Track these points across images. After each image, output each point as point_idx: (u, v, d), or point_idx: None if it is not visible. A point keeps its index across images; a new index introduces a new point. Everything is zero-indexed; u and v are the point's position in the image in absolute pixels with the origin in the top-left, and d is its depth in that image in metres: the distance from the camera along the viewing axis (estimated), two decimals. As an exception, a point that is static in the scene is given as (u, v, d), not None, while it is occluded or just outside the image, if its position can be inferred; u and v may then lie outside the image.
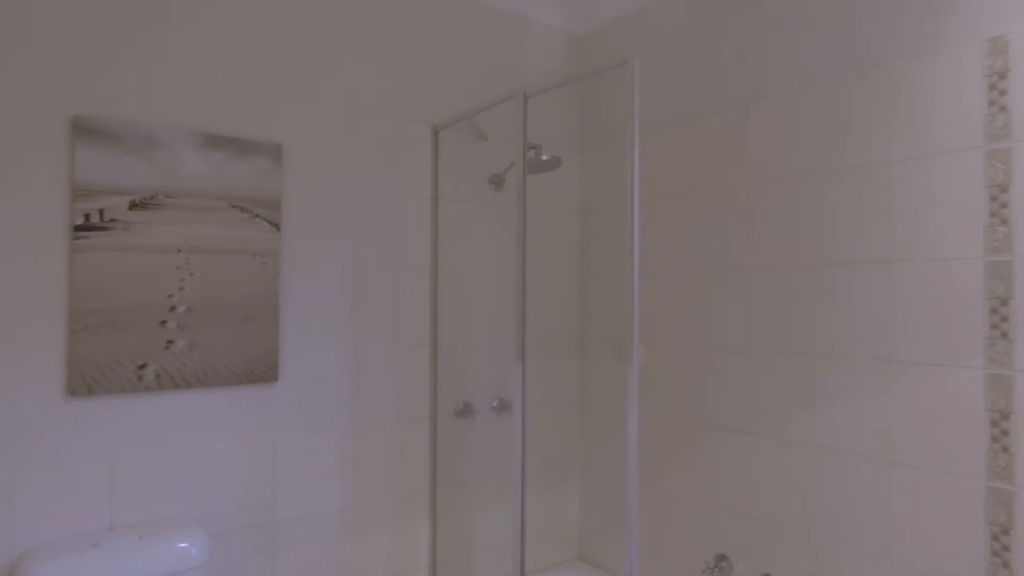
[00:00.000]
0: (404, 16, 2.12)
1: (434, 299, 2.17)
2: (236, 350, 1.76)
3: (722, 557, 1.99)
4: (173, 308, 1.68)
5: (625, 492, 1.41)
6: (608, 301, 2.43)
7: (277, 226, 1.84)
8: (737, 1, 1.99)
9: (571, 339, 2.54)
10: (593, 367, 2.50)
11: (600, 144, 2.48)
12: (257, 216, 1.82)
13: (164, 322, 1.66)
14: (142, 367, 1.63)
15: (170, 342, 1.67)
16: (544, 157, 2.11)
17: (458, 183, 2.24)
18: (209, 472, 1.75)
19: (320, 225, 1.94)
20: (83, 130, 1.56)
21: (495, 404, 2.31)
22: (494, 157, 2.33)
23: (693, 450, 2.09)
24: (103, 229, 1.59)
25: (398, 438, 2.08)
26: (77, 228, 1.55)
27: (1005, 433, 1.41)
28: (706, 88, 2.08)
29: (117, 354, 1.60)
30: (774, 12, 1.89)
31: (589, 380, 2.52)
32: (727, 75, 2.01)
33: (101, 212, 1.58)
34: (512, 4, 2.36)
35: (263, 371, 1.81)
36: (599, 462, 2.46)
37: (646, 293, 2.26)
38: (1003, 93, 1.42)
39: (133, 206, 1.63)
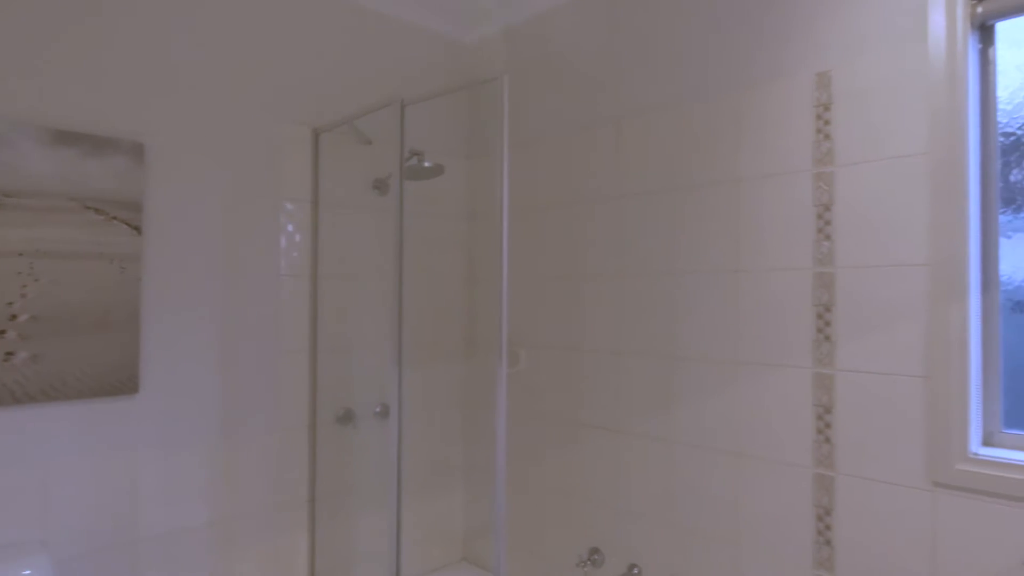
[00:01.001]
0: (283, 17, 2.07)
1: (314, 304, 2.14)
2: (89, 361, 1.66)
3: (595, 550, 2.10)
4: (13, 317, 1.55)
5: (494, 491, 1.46)
6: (494, 305, 2.48)
7: (138, 229, 1.75)
8: (615, 23, 2.10)
9: (458, 343, 2.57)
10: (479, 370, 2.54)
11: (488, 151, 2.53)
12: (115, 219, 1.71)
13: (3, 332, 1.53)
14: (-25, 382, 1.50)
15: (9, 354, 1.54)
16: (426, 164, 2.12)
17: (341, 187, 2.21)
18: (57, 492, 1.63)
19: (188, 228, 1.86)
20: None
21: (377, 410, 2.30)
22: (379, 161, 2.32)
23: (570, 448, 2.18)
24: (-73, 231, 1.45)
25: (274, 447, 2.03)
26: None
27: (828, 426, 1.58)
28: (584, 103, 2.18)
29: (-56, 368, 1.46)
30: (645, 35, 2.01)
31: (475, 383, 2.56)
32: (603, 92, 2.12)
33: (-76, 212, 1.44)
34: (398, 10, 2.36)
35: (121, 383, 1.71)
36: (484, 463, 2.51)
37: (530, 298, 2.34)
38: (827, 123, 1.60)
39: (-36, 206, 1.49)
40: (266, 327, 2.02)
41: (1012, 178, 1.43)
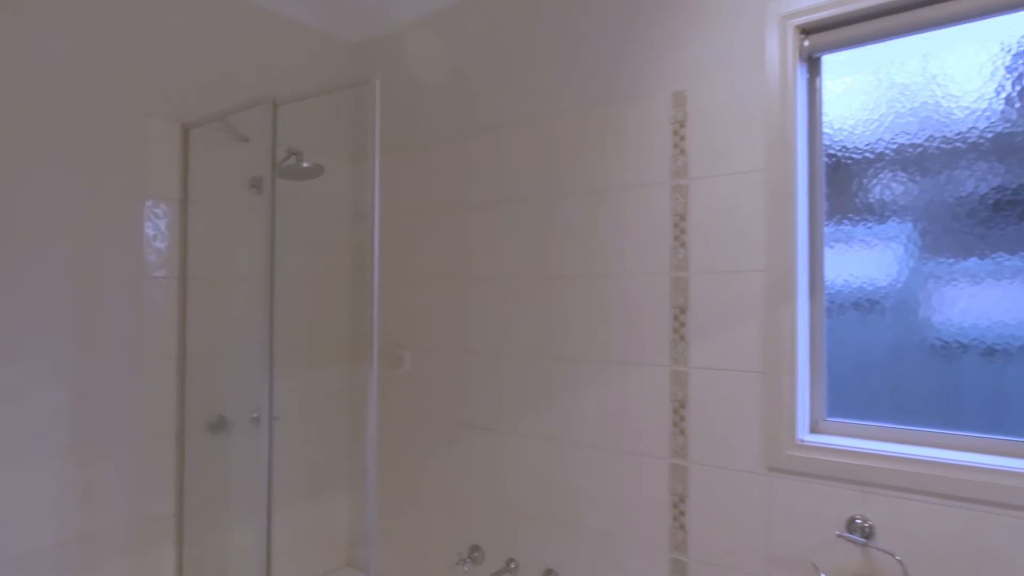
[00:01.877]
0: (148, 3, 1.96)
1: (183, 307, 2.04)
2: (-90, 371, 1.50)
3: (476, 547, 2.14)
4: None
5: (365, 496, 1.46)
6: (382, 307, 2.47)
7: (-28, 226, 1.60)
8: (495, 35, 2.16)
9: (344, 346, 2.54)
10: (365, 374, 2.52)
11: (382, 152, 2.51)
12: (-56, 214, 1.56)
13: None
14: None
15: None
16: (305, 164, 2.08)
17: (215, 185, 2.13)
18: None
19: (27, 226, 1.72)
20: None
21: (255, 416, 2.23)
22: (256, 160, 2.25)
23: (454, 449, 2.21)
24: None
25: (138, 458, 1.92)
26: None
27: (683, 419, 1.71)
28: (468, 109, 2.22)
29: None
30: (523, 49, 2.08)
31: (361, 387, 2.53)
32: (485, 100, 2.17)
33: None
34: (279, 5, 2.29)
35: (-50, 395, 1.56)
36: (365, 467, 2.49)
37: (415, 300, 2.35)
38: (683, 139, 1.73)
39: None
40: (128, 332, 1.90)
41: (835, 194, 1.61)
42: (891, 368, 1.53)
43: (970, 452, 1.39)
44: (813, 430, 1.60)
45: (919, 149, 1.49)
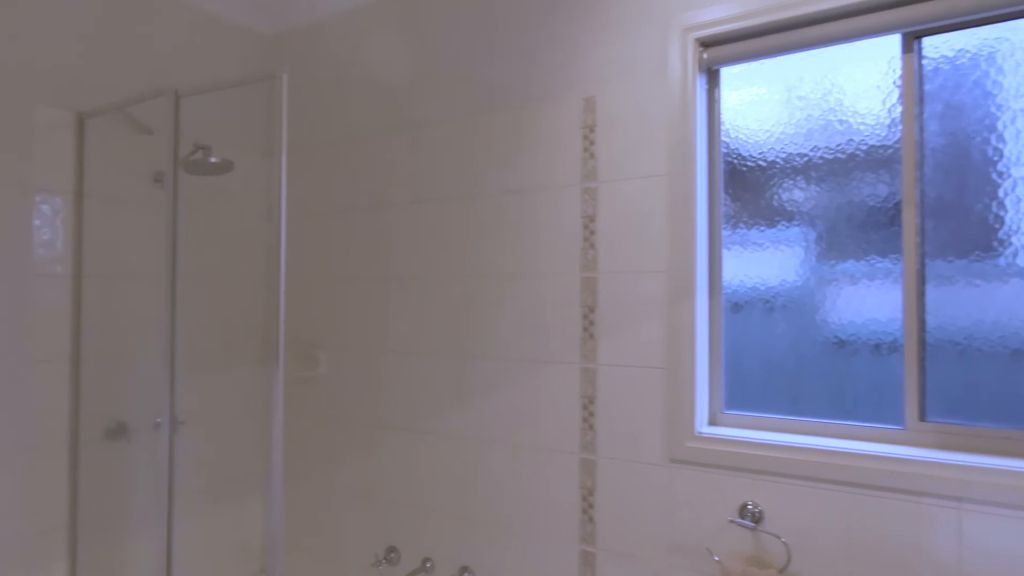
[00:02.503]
0: (36, -17, 1.85)
1: (77, 307, 1.93)
2: None
3: (392, 548, 2.13)
4: None
5: (269, 501, 1.43)
6: (298, 307, 2.41)
7: None
8: (414, 34, 2.15)
9: (258, 347, 2.46)
10: (283, 374, 2.45)
11: (299, 149, 2.46)
12: None
13: None
14: None
15: None
16: (213, 160, 2.01)
17: (115, 179, 2.02)
18: None
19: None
20: None
21: (159, 421, 2.13)
22: (162, 153, 2.15)
23: (371, 450, 2.19)
24: None
25: (24, 469, 1.80)
26: None
27: (592, 415, 1.76)
28: (387, 107, 2.20)
29: None
30: (441, 49, 2.08)
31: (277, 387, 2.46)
32: (404, 99, 2.16)
33: None
34: (184, -8, 2.21)
35: None
36: (287, 470, 2.43)
37: (331, 300, 2.31)
38: (592, 143, 1.78)
39: None
40: (13, 334, 1.78)
41: (732, 200, 1.70)
42: (786, 363, 1.63)
43: (849, 440, 1.50)
44: (712, 422, 1.69)
45: (817, 159, 1.60)
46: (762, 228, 1.66)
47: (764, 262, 1.66)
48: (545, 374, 1.84)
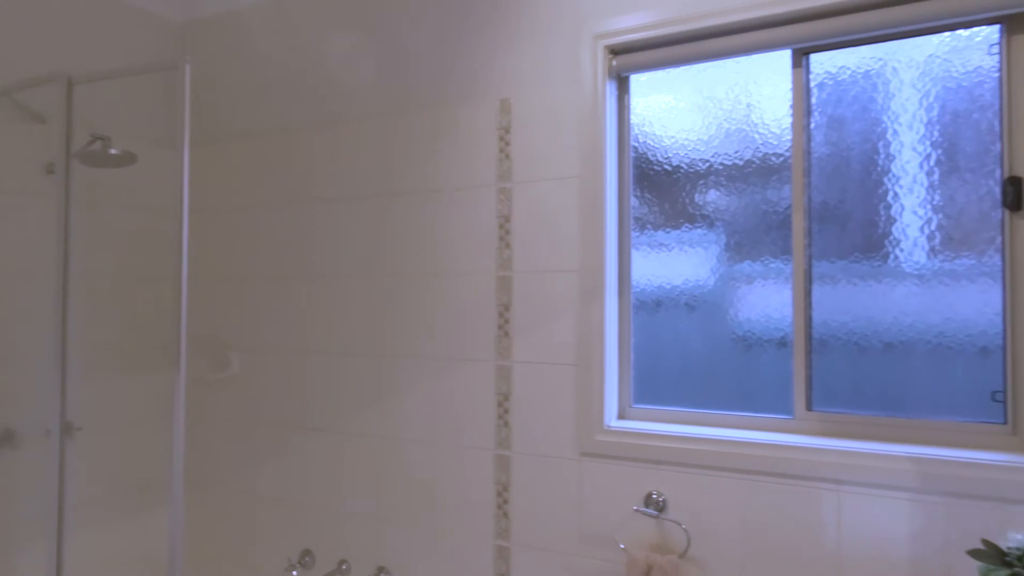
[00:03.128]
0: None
1: (-44, 307, 1.79)
2: None
3: (307, 552, 2.09)
4: None
5: (169, 510, 1.38)
6: (209, 306, 2.32)
7: None
8: (337, 26, 2.12)
9: (164, 348, 2.36)
10: (189, 377, 2.36)
11: (210, 142, 2.36)
12: None
13: None
14: None
15: None
16: (113, 151, 1.91)
17: (1, 169, 1.88)
18: None
19: None
20: None
21: (50, 427, 2.01)
22: (55, 143, 2.02)
23: (287, 452, 2.14)
24: None
25: None
26: None
27: (507, 411, 1.79)
28: (302, 102, 2.15)
29: None
30: (358, 44, 2.06)
31: (187, 390, 2.36)
32: (320, 93, 2.12)
33: None
34: (82, -27, 2.08)
35: None
36: (192, 477, 2.33)
37: (244, 298, 2.24)
38: (508, 144, 1.81)
39: None
40: None
41: (647, 203, 1.77)
42: (692, 359, 1.71)
43: (745, 430, 1.60)
44: (621, 416, 1.75)
45: (725, 165, 1.68)
46: (671, 230, 1.74)
47: (674, 263, 1.73)
48: (462, 372, 1.86)
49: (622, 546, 1.59)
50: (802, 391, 1.57)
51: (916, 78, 1.48)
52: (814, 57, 1.59)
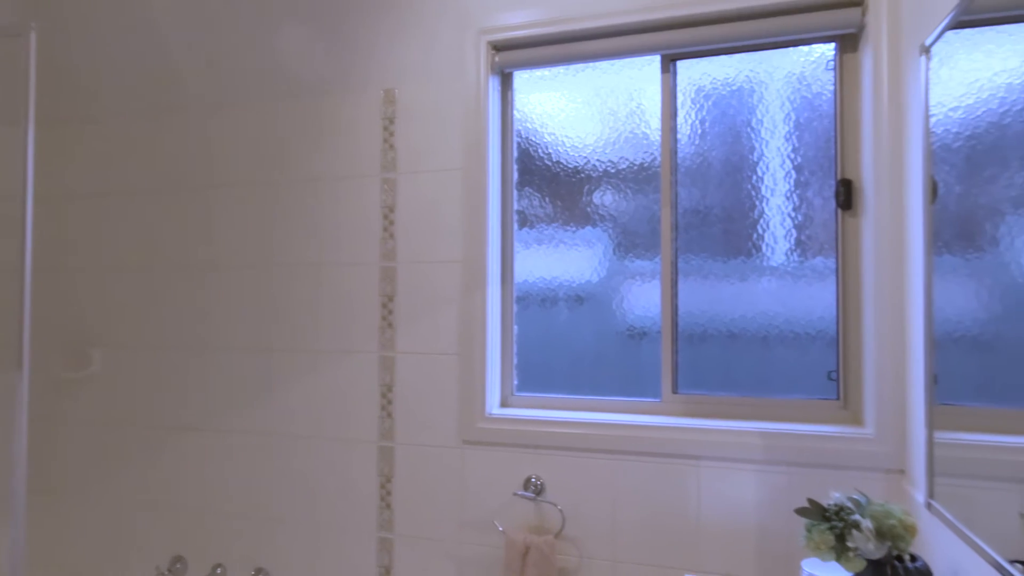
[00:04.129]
0: None
1: None
2: None
3: (178, 558, 1.98)
4: None
5: (11, 518, 1.26)
6: (72, 301, 2.13)
7: None
8: (214, 7, 2.01)
9: (9, 347, 2.14)
10: (39, 377, 2.16)
11: (66, 122, 2.16)
12: None
13: None
14: None
15: None
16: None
17: None
18: None
19: None
20: None
21: None
22: None
23: (157, 453, 2.01)
24: None
25: None
26: None
27: (390, 402, 1.79)
28: (175, 84, 2.03)
29: None
30: (237, 28, 1.97)
31: (35, 392, 2.16)
32: (195, 76, 2.01)
33: None
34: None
35: None
36: (53, 482, 2.14)
37: (106, 292, 2.07)
38: (392, 134, 1.81)
39: None
40: None
41: (536, 201, 1.82)
42: (576, 349, 1.78)
43: (618, 413, 1.69)
44: (503, 404, 1.79)
45: (614, 166, 1.75)
46: (563, 227, 1.79)
47: (564, 259, 1.79)
48: (345, 364, 1.83)
49: (500, 528, 1.63)
50: (669, 376, 1.68)
51: (778, 91, 1.62)
52: (689, 68, 1.69)
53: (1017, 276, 0.90)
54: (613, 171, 1.75)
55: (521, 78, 1.83)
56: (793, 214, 1.61)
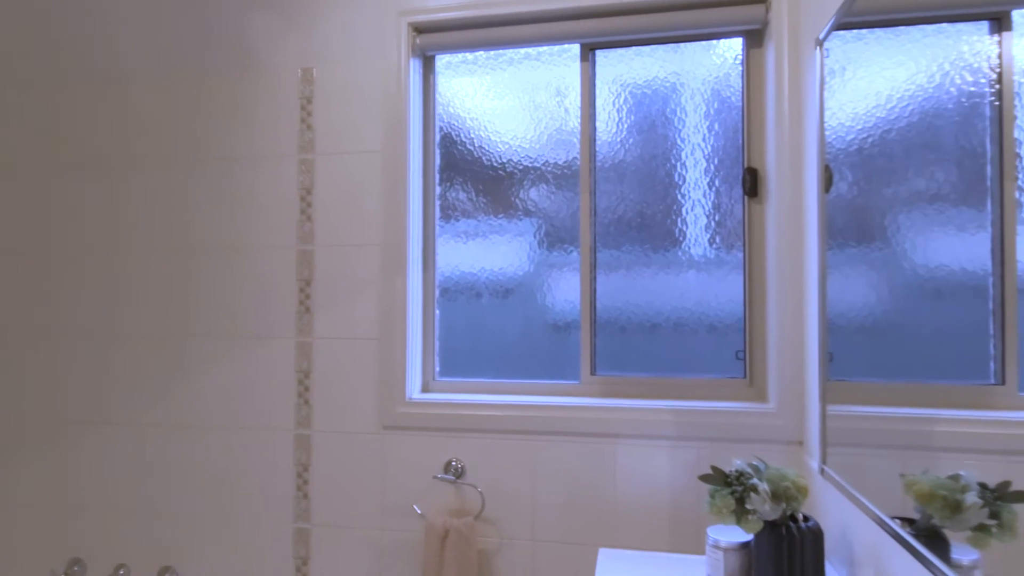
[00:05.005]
0: None
1: None
2: None
3: (76, 560, 1.85)
4: None
5: None
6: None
7: None
8: (101, -31, 1.89)
9: None
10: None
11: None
12: None
13: None
14: None
15: None
16: None
17: None
18: None
19: None
20: None
21: None
22: None
23: (51, 451, 1.88)
24: None
25: None
26: None
27: (307, 389, 1.74)
28: (78, 54, 1.90)
29: None
30: (157, 3, 1.87)
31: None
32: (97, 47, 1.89)
33: None
34: None
35: None
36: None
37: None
38: (310, 114, 1.76)
39: None
40: None
41: (453, 193, 1.81)
42: (505, 337, 1.78)
43: (538, 395, 1.71)
44: (425, 389, 1.78)
45: (547, 162, 1.76)
46: (486, 219, 1.79)
47: (489, 251, 1.78)
48: (261, 351, 1.77)
49: (419, 512, 1.62)
50: (587, 359, 1.71)
51: (697, 89, 1.68)
52: (611, 65, 1.73)
53: (904, 266, 0.97)
54: (539, 165, 1.76)
55: (448, 69, 1.82)
56: (707, 205, 1.68)
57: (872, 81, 1.08)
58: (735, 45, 1.67)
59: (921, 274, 0.91)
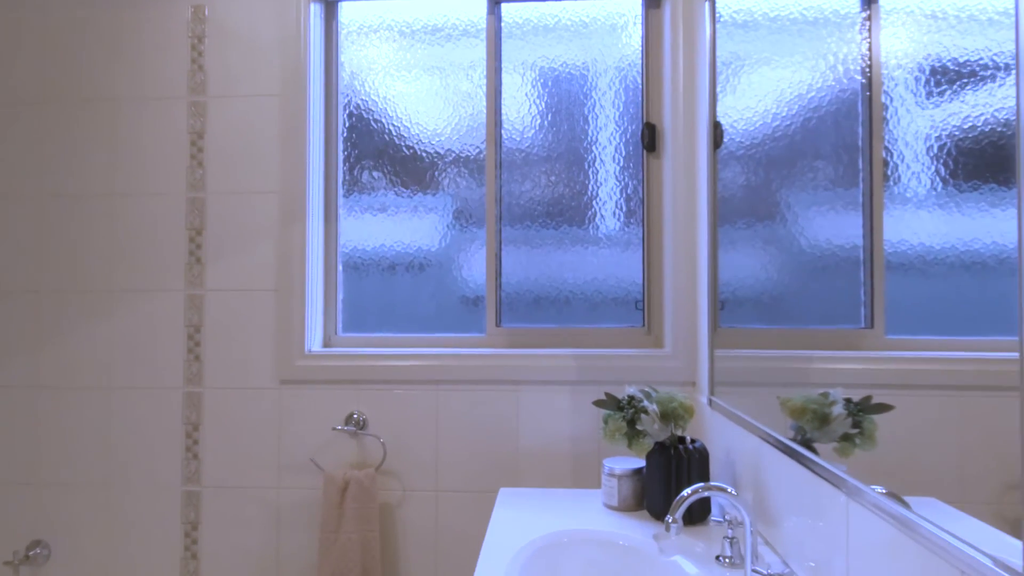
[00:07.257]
0: None
1: None
2: None
3: (-73, 541, 1.67)
4: None
5: None
6: None
7: None
8: None
9: None
10: None
11: None
12: None
13: None
14: None
15: None
16: None
17: None
18: None
19: None
20: None
21: None
22: None
23: None
24: None
25: None
26: None
27: (198, 344, 1.65)
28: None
29: None
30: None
31: None
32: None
33: None
34: None
35: None
36: None
37: None
38: (201, 55, 1.67)
39: None
40: None
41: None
42: (418, 301, 1.75)
43: (445, 347, 1.69)
44: (326, 344, 1.73)
45: (471, 151, 1.74)
46: (399, 193, 1.74)
47: (401, 225, 1.74)
48: (146, 304, 1.66)
49: (320, 467, 1.57)
50: (492, 311, 1.72)
51: (606, 71, 1.71)
52: (522, 47, 1.73)
53: (790, 230, 1.03)
54: (455, 143, 1.74)
55: (361, 37, 1.77)
56: (627, 187, 1.72)
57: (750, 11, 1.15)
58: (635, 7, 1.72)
59: (802, 224, 0.97)
